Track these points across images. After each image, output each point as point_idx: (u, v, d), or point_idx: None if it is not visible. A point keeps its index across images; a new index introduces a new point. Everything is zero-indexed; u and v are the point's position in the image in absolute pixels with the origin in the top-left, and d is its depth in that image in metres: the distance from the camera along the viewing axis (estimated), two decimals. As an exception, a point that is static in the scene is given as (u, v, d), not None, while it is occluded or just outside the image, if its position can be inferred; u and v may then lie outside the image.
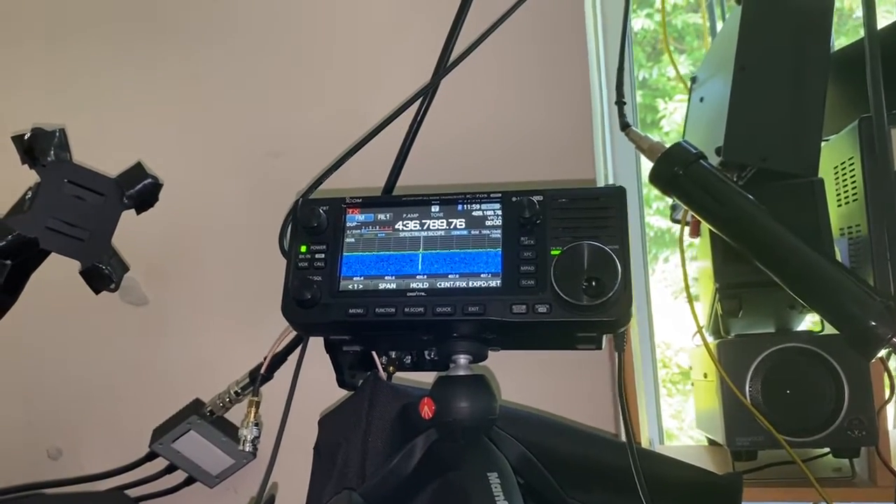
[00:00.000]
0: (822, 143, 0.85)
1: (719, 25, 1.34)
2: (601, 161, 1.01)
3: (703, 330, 0.88)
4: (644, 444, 1.01)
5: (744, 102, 0.86)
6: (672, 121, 1.99)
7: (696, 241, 0.99)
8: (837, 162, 0.93)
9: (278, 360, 0.84)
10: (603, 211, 0.54)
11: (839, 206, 0.93)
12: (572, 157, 0.97)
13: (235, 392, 0.94)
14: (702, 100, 1.03)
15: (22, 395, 1.15)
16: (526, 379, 0.90)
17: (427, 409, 0.55)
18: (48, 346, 1.14)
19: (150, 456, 1.02)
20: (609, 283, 0.50)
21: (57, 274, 0.84)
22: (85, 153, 0.86)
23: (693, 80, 1.10)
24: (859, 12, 0.72)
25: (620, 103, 0.94)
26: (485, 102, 1.04)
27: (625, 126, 0.93)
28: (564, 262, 0.52)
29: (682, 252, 0.87)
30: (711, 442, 1.07)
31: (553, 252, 0.53)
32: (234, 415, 0.99)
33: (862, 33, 0.70)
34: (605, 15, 1.16)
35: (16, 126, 0.83)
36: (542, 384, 0.92)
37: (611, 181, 1.04)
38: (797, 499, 0.87)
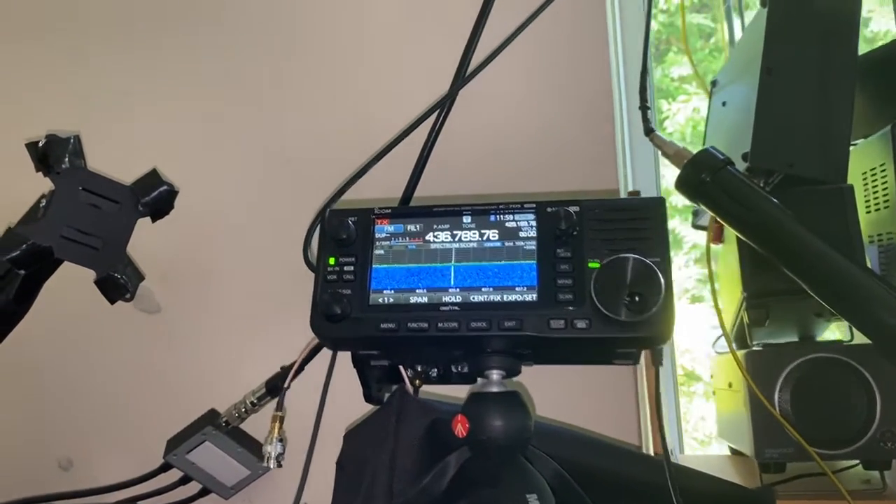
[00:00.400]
0: (851, 148, 0.84)
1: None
2: (622, 167, 0.99)
3: (726, 339, 0.86)
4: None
5: (771, 107, 0.84)
6: (675, 122, 1.98)
7: (719, 246, 0.97)
8: (867, 168, 0.91)
9: (297, 370, 0.82)
10: (642, 222, 0.52)
11: (868, 212, 0.91)
12: (594, 164, 0.96)
13: (251, 402, 0.92)
14: (724, 104, 1.01)
15: (33, 403, 1.13)
16: (548, 390, 0.89)
17: (461, 428, 0.54)
18: (60, 355, 1.13)
19: (165, 467, 1.00)
20: (652, 298, 0.48)
21: (69, 281, 0.83)
22: (99, 160, 0.85)
23: (713, 83, 1.08)
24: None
25: (644, 108, 0.93)
26: (503, 108, 1.02)
27: (649, 131, 0.91)
28: (605, 275, 0.50)
29: (709, 261, 0.85)
30: (734, 451, 1.05)
31: (591, 265, 0.52)
32: (250, 425, 0.98)
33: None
34: (623, 17, 1.15)
35: (28, 132, 0.82)
36: (565, 395, 0.91)
37: (630, 188, 1.02)
38: (827, 512, 0.85)
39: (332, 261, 0.55)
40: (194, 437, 0.96)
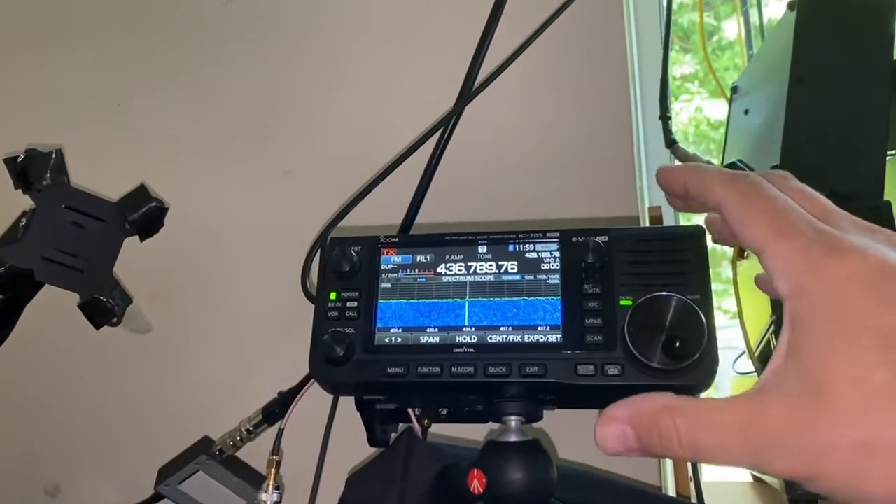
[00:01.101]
0: (887, 160, 0.79)
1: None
2: (639, 180, 0.94)
3: (750, 358, 0.81)
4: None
5: (801, 117, 0.79)
6: (678, 121, 1.93)
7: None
8: (904, 181, 0.86)
9: (291, 398, 0.77)
10: (679, 254, 0.47)
11: (905, 230, 0.86)
12: (610, 179, 0.90)
13: (247, 430, 0.87)
14: (746, 112, 0.96)
15: (19, 427, 1.08)
16: (561, 427, 0.83)
17: (477, 484, 0.48)
18: (47, 377, 1.07)
19: (156, 497, 0.95)
20: (694, 344, 0.43)
21: (54, 301, 0.78)
22: (83, 174, 0.80)
23: (734, 89, 1.03)
24: None
25: (665, 118, 0.88)
26: (511, 121, 0.97)
27: (671, 143, 0.86)
28: (640, 316, 0.44)
29: (736, 282, 0.80)
30: (756, 479, 1.00)
31: (623, 303, 0.46)
32: (246, 453, 0.93)
33: None
34: (638, 21, 1.10)
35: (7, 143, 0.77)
36: (580, 433, 0.85)
37: (647, 203, 0.96)
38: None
39: (333, 296, 0.50)
40: (187, 466, 0.91)
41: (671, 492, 0.85)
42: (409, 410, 0.58)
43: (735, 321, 0.88)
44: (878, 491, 0.29)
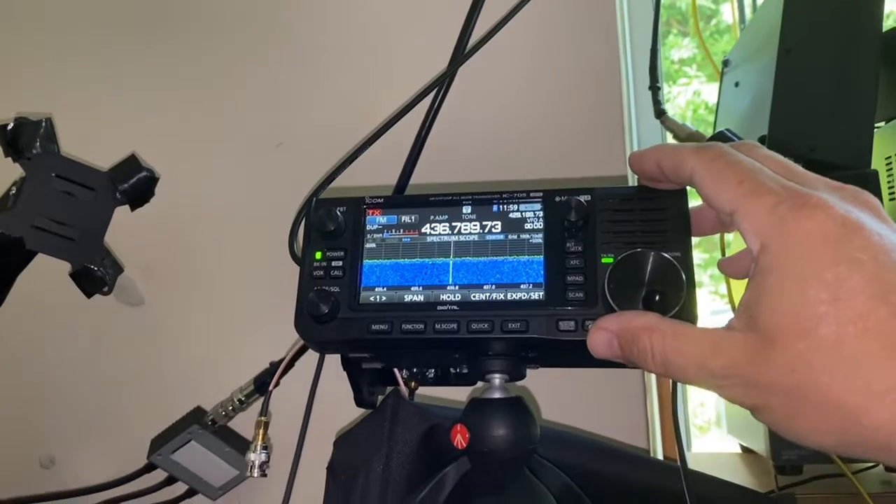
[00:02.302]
0: (874, 131, 0.79)
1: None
2: (629, 151, 0.94)
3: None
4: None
5: (790, 88, 0.80)
6: (675, 105, 1.93)
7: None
8: (891, 152, 0.86)
9: (285, 369, 0.77)
10: (661, 213, 0.47)
11: (891, 199, 0.86)
12: (600, 148, 0.91)
13: (239, 400, 0.88)
14: (737, 84, 0.96)
15: (12, 400, 1.08)
16: (549, 391, 0.84)
17: (460, 438, 0.49)
18: (40, 349, 1.08)
19: (149, 467, 0.95)
20: (673, 297, 0.43)
21: (46, 273, 0.78)
22: (74, 145, 0.80)
23: (725, 63, 1.03)
24: None
25: (655, 88, 0.88)
26: (505, 87, 0.97)
27: (660, 113, 0.87)
28: (621, 272, 0.45)
29: (723, 248, 0.80)
30: (745, 449, 1.01)
31: (604, 260, 0.46)
32: (238, 423, 0.93)
33: None
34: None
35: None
36: (567, 395, 0.86)
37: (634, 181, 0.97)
38: (846, 515, 0.81)
39: (318, 255, 0.50)
40: (180, 436, 0.92)
41: (658, 455, 0.86)
42: (396, 372, 0.59)
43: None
44: (804, 429, 0.33)
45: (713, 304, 1.45)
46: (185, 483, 0.95)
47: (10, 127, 0.74)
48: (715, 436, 1.53)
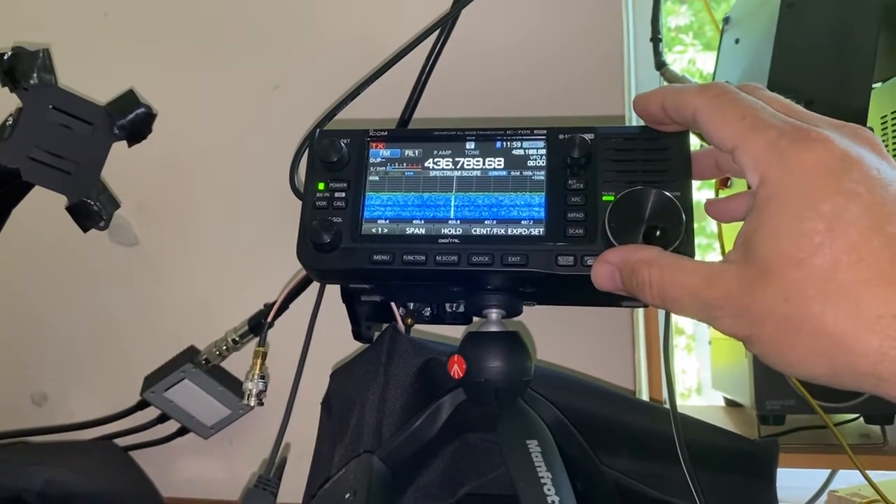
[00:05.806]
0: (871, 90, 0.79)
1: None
2: (629, 101, 0.94)
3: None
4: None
5: (790, 42, 0.80)
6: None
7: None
8: (887, 111, 0.87)
9: (282, 305, 0.78)
10: (662, 153, 0.48)
11: (885, 158, 0.87)
12: (601, 95, 0.91)
13: (233, 340, 0.88)
14: (737, 41, 0.96)
15: (5, 336, 1.09)
16: (539, 331, 0.85)
17: (457, 369, 0.50)
18: (34, 287, 1.08)
19: (142, 404, 0.96)
20: (672, 234, 0.44)
21: (41, 210, 0.78)
22: (71, 79, 0.79)
23: (726, 20, 1.02)
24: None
25: (656, 40, 0.88)
26: (508, 31, 0.96)
27: (661, 65, 0.87)
28: (621, 209, 0.45)
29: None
30: (729, 402, 1.03)
31: (605, 198, 0.47)
32: (231, 363, 0.94)
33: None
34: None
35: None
36: (557, 336, 0.87)
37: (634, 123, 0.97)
38: (825, 465, 0.83)
39: (321, 186, 0.51)
40: (173, 374, 0.93)
41: (644, 396, 0.87)
42: (393, 307, 0.60)
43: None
44: (795, 359, 0.33)
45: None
46: (178, 421, 0.96)
47: (6, 56, 0.73)
48: (696, 401, 1.56)
